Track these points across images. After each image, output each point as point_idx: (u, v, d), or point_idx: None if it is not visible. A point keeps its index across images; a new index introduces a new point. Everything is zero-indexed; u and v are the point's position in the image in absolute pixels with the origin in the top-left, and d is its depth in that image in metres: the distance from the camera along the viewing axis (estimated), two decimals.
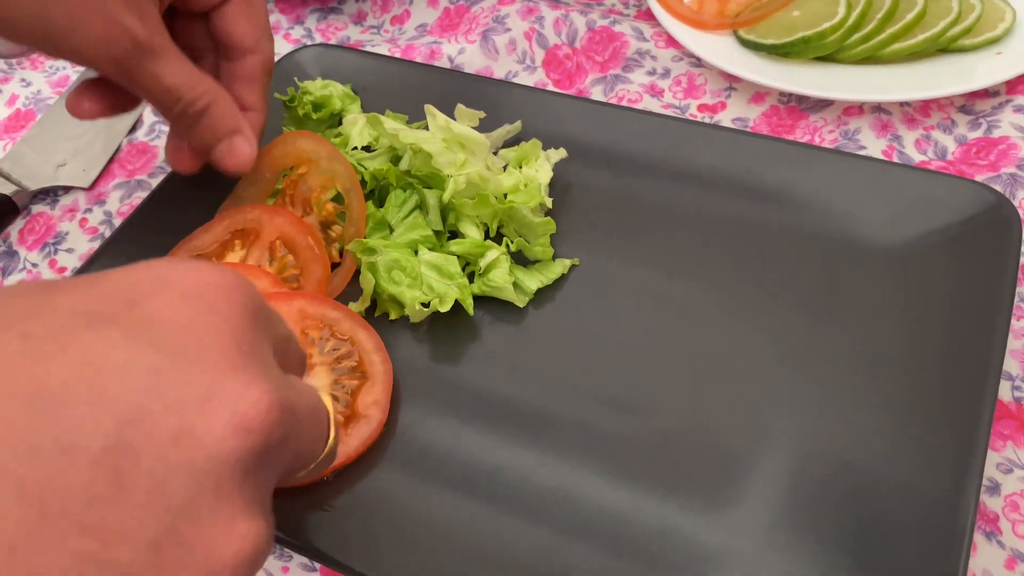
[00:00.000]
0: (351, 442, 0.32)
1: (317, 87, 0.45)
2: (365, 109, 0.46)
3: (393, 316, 0.37)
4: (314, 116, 0.44)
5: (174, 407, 0.15)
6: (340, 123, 0.45)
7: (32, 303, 0.16)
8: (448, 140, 0.38)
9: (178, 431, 0.15)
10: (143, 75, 0.31)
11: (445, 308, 0.35)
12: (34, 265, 0.46)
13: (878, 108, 0.43)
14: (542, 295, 0.37)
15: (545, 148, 0.41)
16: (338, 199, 0.39)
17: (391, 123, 0.39)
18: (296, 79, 0.46)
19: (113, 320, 0.16)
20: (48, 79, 0.56)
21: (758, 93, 0.45)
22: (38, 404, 0.14)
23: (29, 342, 0.15)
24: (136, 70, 0.31)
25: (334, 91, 0.45)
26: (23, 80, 0.56)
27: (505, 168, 0.40)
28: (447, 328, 0.36)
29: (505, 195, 0.38)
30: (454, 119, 0.40)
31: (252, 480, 0.16)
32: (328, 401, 0.21)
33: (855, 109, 0.43)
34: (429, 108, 0.39)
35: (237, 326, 0.17)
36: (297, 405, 0.18)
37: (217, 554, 0.15)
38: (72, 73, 0.56)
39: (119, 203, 0.48)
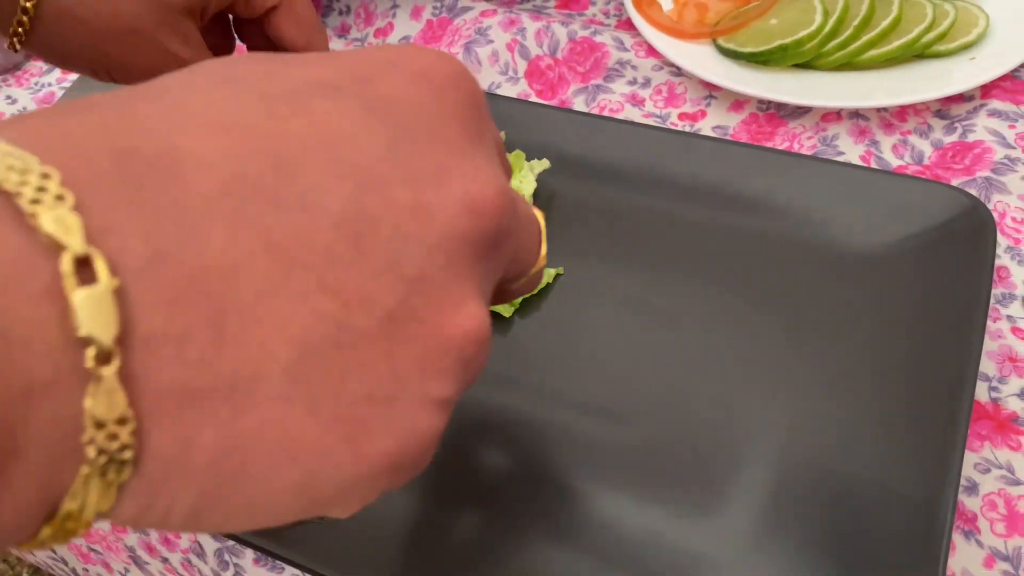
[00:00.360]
0: None
1: None
2: None
3: None
4: None
5: (410, 180, 0.15)
6: None
7: (267, 68, 0.16)
8: None
9: (414, 204, 0.15)
10: None
11: None
12: None
13: (856, 114, 0.43)
14: (527, 305, 0.37)
15: (528, 159, 0.41)
16: None
17: None
18: None
19: (347, 92, 0.16)
20: (33, 96, 0.56)
21: (737, 101, 0.45)
22: (278, 160, 0.14)
23: (267, 102, 0.15)
24: None
25: None
26: (8, 97, 0.56)
27: None
28: None
29: None
30: None
31: (480, 267, 0.16)
32: (540, 216, 0.21)
33: (833, 115, 0.43)
34: None
35: (465, 113, 0.17)
36: (518, 202, 0.18)
37: (447, 331, 0.15)
38: (58, 90, 0.56)
39: None
